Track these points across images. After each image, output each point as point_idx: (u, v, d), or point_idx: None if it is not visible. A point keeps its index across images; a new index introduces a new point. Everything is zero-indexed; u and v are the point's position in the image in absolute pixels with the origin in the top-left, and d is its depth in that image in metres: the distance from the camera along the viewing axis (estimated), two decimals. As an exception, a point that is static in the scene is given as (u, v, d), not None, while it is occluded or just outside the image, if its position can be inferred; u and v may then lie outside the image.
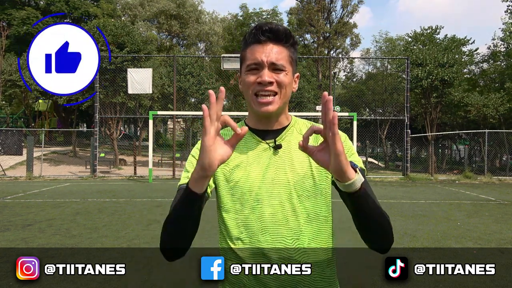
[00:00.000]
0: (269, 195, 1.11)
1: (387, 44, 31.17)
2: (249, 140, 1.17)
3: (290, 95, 1.15)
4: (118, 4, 35.11)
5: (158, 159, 23.09)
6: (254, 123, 1.19)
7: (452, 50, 19.34)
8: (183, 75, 21.80)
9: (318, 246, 1.12)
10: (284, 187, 1.11)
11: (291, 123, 1.20)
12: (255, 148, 1.16)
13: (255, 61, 1.10)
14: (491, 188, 13.32)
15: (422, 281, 3.99)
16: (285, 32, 1.12)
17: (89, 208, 8.27)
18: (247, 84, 1.12)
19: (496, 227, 6.74)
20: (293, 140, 1.16)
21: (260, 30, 1.11)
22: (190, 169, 1.12)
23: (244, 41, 1.16)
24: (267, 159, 1.14)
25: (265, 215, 1.10)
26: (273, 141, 1.16)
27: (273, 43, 1.11)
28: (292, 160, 1.14)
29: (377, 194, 1.14)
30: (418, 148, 28.62)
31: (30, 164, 15.74)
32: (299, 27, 32.92)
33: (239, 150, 1.16)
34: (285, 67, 1.11)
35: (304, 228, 1.11)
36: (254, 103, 1.12)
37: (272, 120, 1.17)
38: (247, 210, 1.11)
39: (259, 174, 1.12)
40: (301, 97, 23.33)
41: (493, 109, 19.19)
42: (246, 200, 1.11)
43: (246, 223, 1.10)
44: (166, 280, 3.94)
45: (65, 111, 27.38)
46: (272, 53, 1.10)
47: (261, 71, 1.10)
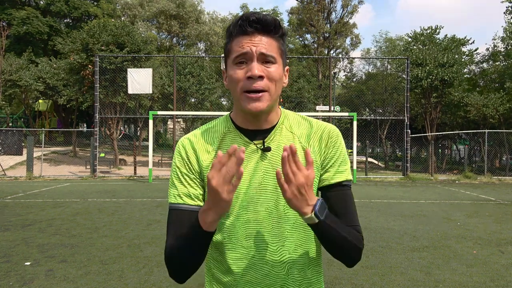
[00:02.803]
0: (256, 201, 1.06)
1: (387, 44, 31.16)
2: (236, 140, 1.09)
3: (280, 91, 1.06)
4: (118, 4, 35.11)
5: (158, 159, 23.10)
6: (241, 121, 1.10)
7: (452, 50, 19.35)
8: (183, 75, 21.81)
9: (303, 251, 1.09)
10: (271, 192, 1.06)
11: (280, 119, 1.11)
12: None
13: (242, 52, 1.00)
14: (491, 188, 13.32)
15: (422, 281, 3.99)
16: (274, 23, 1.02)
17: (89, 208, 8.27)
18: (235, 80, 1.01)
19: (496, 227, 6.74)
20: (282, 140, 1.09)
21: (247, 20, 1.00)
22: (179, 184, 1.07)
23: (228, 33, 1.05)
24: (254, 163, 1.07)
25: (250, 222, 1.05)
26: (262, 142, 1.08)
27: (262, 34, 1.01)
28: (280, 164, 1.06)
29: (377, 194, 1.14)
30: (418, 148, 28.63)
31: (30, 164, 15.74)
32: (299, 27, 32.94)
33: (226, 151, 1.08)
34: (276, 59, 1.02)
35: (290, 234, 1.06)
36: (242, 100, 1.02)
37: (261, 118, 1.07)
38: (232, 216, 1.06)
39: (246, 178, 1.06)
40: (301, 97, 23.34)
41: (493, 109, 19.19)
42: (232, 206, 1.05)
43: (230, 229, 1.06)
44: (166, 280, 3.94)
45: (65, 111, 27.39)
46: (261, 44, 1.00)
47: (249, 64, 1.00)
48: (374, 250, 5.14)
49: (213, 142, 1.10)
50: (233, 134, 1.10)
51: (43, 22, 29.09)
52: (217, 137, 1.11)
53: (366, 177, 16.90)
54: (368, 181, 15.69)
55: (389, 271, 4.29)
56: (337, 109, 20.93)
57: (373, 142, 30.09)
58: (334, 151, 1.10)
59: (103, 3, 31.82)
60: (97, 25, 18.93)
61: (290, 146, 0.89)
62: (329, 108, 18.34)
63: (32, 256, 4.73)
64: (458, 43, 20.21)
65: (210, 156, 1.09)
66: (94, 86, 16.81)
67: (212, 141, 1.10)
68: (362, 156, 25.60)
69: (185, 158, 1.09)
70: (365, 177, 16.72)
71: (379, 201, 9.70)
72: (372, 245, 5.38)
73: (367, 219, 7.31)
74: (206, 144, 1.10)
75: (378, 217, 7.48)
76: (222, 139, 1.10)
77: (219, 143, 1.10)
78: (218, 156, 0.86)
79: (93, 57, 17.22)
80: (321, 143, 1.10)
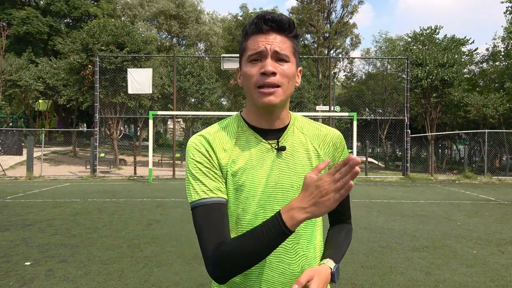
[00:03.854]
0: (273, 200, 1.07)
1: (387, 44, 31.16)
2: (251, 139, 1.11)
3: (293, 89, 1.09)
4: (118, 4, 35.12)
5: (158, 159, 23.10)
6: (254, 119, 1.12)
7: (451, 50, 19.35)
8: (183, 75, 21.81)
9: (312, 247, 1.13)
10: (288, 191, 1.08)
11: (291, 120, 1.15)
12: (258, 149, 1.10)
13: (257, 50, 1.03)
14: (491, 188, 13.31)
15: (422, 281, 3.99)
16: (288, 22, 1.05)
17: (89, 208, 8.27)
18: (249, 76, 1.04)
19: (496, 227, 6.74)
20: (295, 141, 1.12)
21: (263, 19, 1.04)
22: (206, 179, 1.05)
23: (244, 32, 1.09)
24: (270, 162, 1.09)
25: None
26: (276, 142, 1.10)
27: (276, 33, 1.04)
28: (295, 163, 1.10)
29: (377, 194, 1.16)
30: (418, 148, 28.61)
31: (30, 164, 15.74)
32: (299, 27, 32.91)
33: (241, 150, 1.10)
34: (289, 57, 1.05)
35: (303, 232, 1.10)
36: (256, 94, 1.04)
37: (273, 116, 1.10)
38: (249, 215, 1.06)
39: (263, 177, 1.07)
40: (301, 97, 23.32)
41: (493, 109, 19.20)
42: (249, 204, 1.06)
43: (248, 228, 1.06)
44: (166, 280, 3.94)
45: (65, 111, 27.39)
46: (276, 42, 1.03)
47: (263, 61, 1.03)
48: (374, 250, 5.13)
49: (229, 140, 1.11)
50: (247, 133, 1.12)
51: (43, 22, 29.09)
52: (232, 136, 1.12)
53: (366, 177, 16.90)
54: (368, 181, 15.69)
55: (389, 271, 4.29)
56: (337, 109, 20.91)
57: (373, 142, 30.10)
58: (342, 155, 1.18)
59: (103, 3, 31.82)
60: (97, 25, 18.93)
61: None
62: (329, 108, 18.34)
63: (32, 256, 4.73)
64: (458, 43, 20.21)
65: (227, 154, 1.09)
66: (94, 86, 16.81)
67: (227, 140, 1.11)
68: (362, 156, 25.58)
69: (206, 154, 1.07)
70: (365, 177, 16.72)
71: (379, 201, 9.70)
72: (372, 245, 5.38)
73: (367, 219, 7.30)
74: (222, 142, 1.10)
75: (378, 217, 7.48)
76: (237, 138, 1.11)
77: (235, 141, 1.11)
78: (337, 164, 0.86)
79: (93, 57, 17.23)
80: (330, 146, 1.16)
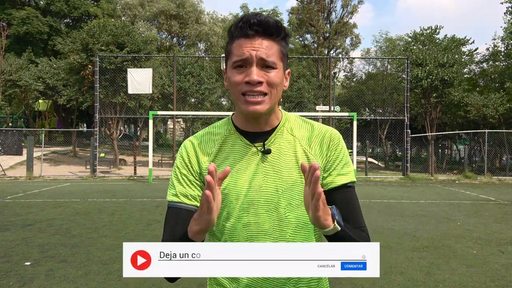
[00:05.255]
0: (256, 203, 1.05)
1: (387, 44, 31.14)
2: (237, 143, 1.09)
3: (281, 94, 1.06)
4: (118, 4, 35.11)
5: (158, 159, 23.09)
6: (241, 123, 1.10)
7: (452, 50, 19.35)
8: (183, 75, 21.80)
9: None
10: (272, 195, 1.05)
11: (281, 122, 1.11)
12: (243, 152, 1.08)
13: (241, 57, 0.99)
14: (491, 188, 13.32)
15: (422, 281, 3.99)
16: (276, 25, 1.00)
17: (89, 208, 8.27)
18: (234, 84, 1.01)
19: (496, 227, 6.74)
20: (283, 143, 1.09)
21: (248, 23, 0.98)
22: (178, 184, 1.09)
23: (229, 34, 1.03)
24: (255, 165, 1.07)
25: (251, 224, 1.05)
26: (262, 145, 1.08)
27: (263, 37, 0.99)
28: (280, 167, 1.07)
29: (377, 194, 1.15)
30: (418, 148, 28.60)
31: (30, 164, 15.74)
32: (299, 27, 32.93)
33: (226, 154, 1.09)
34: (276, 64, 1.00)
35: (292, 238, 1.06)
36: (241, 102, 1.01)
37: (261, 121, 1.07)
38: (232, 218, 1.05)
39: (246, 180, 1.06)
40: (301, 97, 23.31)
41: (493, 109, 19.19)
42: (233, 208, 1.05)
43: (231, 231, 1.06)
44: (166, 280, 3.93)
45: (65, 111, 27.39)
46: (262, 48, 0.98)
47: (249, 68, 0.99)
48: (374, 250, 5.13)
49: (214, 144, 1.11)
50: (234, 137, 1.11)
51: (43, 22, 29.08)
52: (218, 140, 1.12)
53: (366, 177, 16.90)
54: (368, 181, 15.69)
55: (389, 271, 4.29)
56: (337, 109, 20.91)
57: (373, 142, 30.08)
58: (336, 153, 1.10)
59: (103, 3, 31.81)
60: (97, 25, 18.93)
61: (311, 164, 0.86)
62: (329, 108, 18.34)
63: (32, 256, 4.73)
64: (458, 43, 20.22)
65: (210, 158, 1.10)
66: (94, 86, 16.81)
67: (213, 144, 1.11)
68: (362, 156, 25.58)
69: (186, 159, 1.10)
70: (365, 177, 16.72)
71: (379, 201, 9.70)
72: (372, 245, 5.37)
73: (367, 219, 7.27)
74: (207, 147, 1.11)
75: (378, 217, 7.48)
76: (223, 142, 1.11)
77: (220, 145, 1.11)
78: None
79: (93, 57, 17.22)
80: (322, 146, 1.10)
